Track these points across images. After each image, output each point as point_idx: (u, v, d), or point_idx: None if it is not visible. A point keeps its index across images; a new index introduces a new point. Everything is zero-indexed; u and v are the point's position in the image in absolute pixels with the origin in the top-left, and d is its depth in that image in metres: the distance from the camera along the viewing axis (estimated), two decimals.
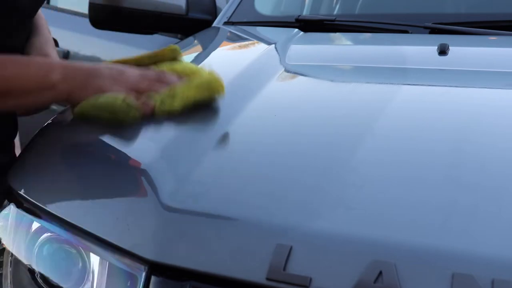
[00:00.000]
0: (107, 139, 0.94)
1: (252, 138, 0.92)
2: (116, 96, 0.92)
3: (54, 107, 2.42)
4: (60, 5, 2.79)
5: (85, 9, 1.73)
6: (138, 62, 1.06)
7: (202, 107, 0.97)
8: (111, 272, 0.76)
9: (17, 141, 1.21)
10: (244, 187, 0.77)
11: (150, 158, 0.84)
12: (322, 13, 1.84)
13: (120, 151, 0.89)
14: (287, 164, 0.82)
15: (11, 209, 0.88)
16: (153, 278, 0.72)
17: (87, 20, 1.70)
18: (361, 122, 0.92)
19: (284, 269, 0.65)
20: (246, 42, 1.56)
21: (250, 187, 0.77)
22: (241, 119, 0.94)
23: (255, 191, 0.77)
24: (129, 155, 0.88)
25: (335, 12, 1.80)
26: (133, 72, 1.00)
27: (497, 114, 0.94)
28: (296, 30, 1.50)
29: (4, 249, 0.88)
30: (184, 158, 0.84)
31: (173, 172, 0.82)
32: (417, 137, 0.87)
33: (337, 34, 1.51)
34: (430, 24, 1.41)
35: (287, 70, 1.21)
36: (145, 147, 0.89)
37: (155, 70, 1.04)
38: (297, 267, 0.65)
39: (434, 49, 1.21)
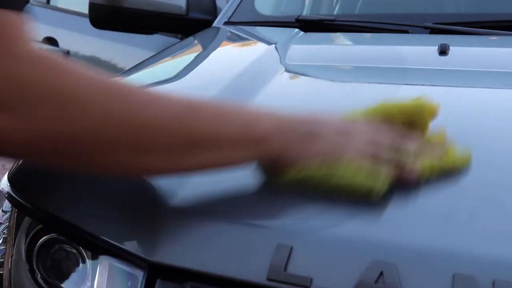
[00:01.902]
0: None
1: None
2: (360, 170, 0.71)
3: None
4: (60, 5, 2.79)
5: (85, 9, 1.73)
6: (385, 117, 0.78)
7: None
8: (111, 272, 0.76)
9: None
10: (244, 187, 0.77)
11: None
12: (322, 13, 1.84)
13: None
14: None
15: (11, 209, 0.88)
16: (153, 278, 0.71)
17: (87, 20, 1.70)
18: None
19: (285, 269, 0.65)
20: (246, 42, 1.56)
21: (249, 187, 0.77)
22: None
23: (255, 191, 0.77)
24: None
25: (335, 12, 1.80)
26: (361, 134, 0.75)
27: (497, 114, 0.94)
28: (296, 30, 1.50)
29: (4, 249, 0.88)
30: None
31: None
32: None
33: (337, 34, 1.51)
34: (430, 24, 1.41)
35: (287, 70, 1.20)
36: None
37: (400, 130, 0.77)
38: (298, 268, 0.65)
39: (434, 49, 1.21)
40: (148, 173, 0.71)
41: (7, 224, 0.89)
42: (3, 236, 1.02)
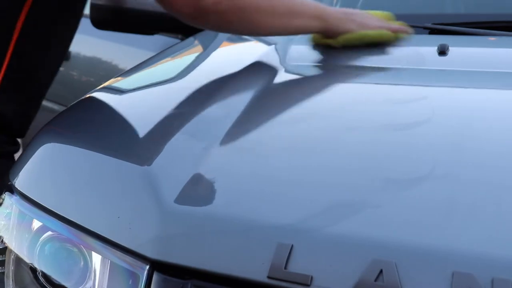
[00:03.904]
0: (109, 138, 0.94)
1: (252, 138, 0.92)
2: (384, 33, 1.29)
3: (55, 107, 2.42)
4: None
5: (86, 10, 1.73)
6: None
7: (204, 109, 0.98)
8: (113, 270, 0.76)
9: (18, 140, 1.21)
10: (245, 186, 0.77)
11: (152, 157, 0.85)
12: None
13: (121, 150, 0.89)
14: (287, 163, 0.82)
15: (13, 208, 0.89)
16: (154, 277, 0.72)
17: (88, 21, 1.70)
18: (360, 122, 0.92)
19: (285, 267, 0.65)
20: (247, 43, 1.56)
21: (251, 186, 0.78)
22: (242, 120, 0.95)
23: (256, 190, 0.77)
24: (131, 154, 0.88)
25: None
26: (366, 14, 1.35)
27: (497, 115, 0.94)
28: None
29: (6, 247, 0.88)
30: (186, 158, 0.85)
31: (175, 171, 0.82)
32: (417, 137, 0.87)
33: None
34: (429, 24, 1.41)
35: (287, 71, 1.21)
36: (147, 146, 0.89)
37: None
38: (298, 266, 0.66)
39: (434, 49, 1.21)
40: (269, 29, 1.24)
41: (8, 222, 0.89)
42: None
